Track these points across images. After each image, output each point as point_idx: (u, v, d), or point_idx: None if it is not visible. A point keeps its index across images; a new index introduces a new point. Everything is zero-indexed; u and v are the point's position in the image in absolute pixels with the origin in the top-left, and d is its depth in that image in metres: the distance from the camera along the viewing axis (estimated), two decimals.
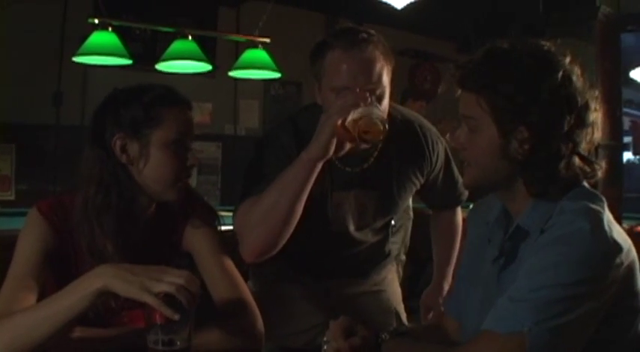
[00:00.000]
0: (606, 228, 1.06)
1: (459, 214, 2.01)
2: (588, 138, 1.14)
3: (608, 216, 1.10)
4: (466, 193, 1.89)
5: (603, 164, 1.17)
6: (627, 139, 7.84)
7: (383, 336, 1.18)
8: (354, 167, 1.66)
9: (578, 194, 1.13)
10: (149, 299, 1.08)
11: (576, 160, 1.13)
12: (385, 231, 1.88)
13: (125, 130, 1.35)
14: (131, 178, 1.37)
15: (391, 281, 1.97)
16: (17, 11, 4.47)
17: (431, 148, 1.75)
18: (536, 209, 1.14)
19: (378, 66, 1.52)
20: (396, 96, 1.98)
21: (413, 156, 1.73)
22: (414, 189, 1.79)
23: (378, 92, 1.52)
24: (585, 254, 1.03)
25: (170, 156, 1.37)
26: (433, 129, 1.80)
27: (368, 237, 1.80)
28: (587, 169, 1.15)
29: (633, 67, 5.00)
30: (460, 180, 1.85)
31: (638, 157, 8.45)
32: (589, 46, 3.64)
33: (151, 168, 1.36)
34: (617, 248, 1.05)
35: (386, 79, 1.55)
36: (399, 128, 1.68)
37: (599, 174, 1.16)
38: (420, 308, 2.05)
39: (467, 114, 1.17)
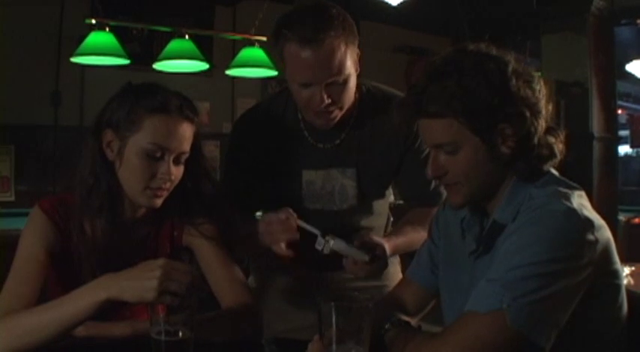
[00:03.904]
0: (576, 206, 1.08)
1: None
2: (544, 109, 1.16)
3: (578, 198, 1.12)
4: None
5: (562, 139, 1.18)
6: (624, 132, 7.87)
7: (386, 326, 1.21)
8: (326, 143, 1.64)
9: (546, 181, 1.17)
10: (166, 301, 1.10)
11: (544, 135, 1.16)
12: (376, 214, 1.78)
13: (112, 127, 1.35)
14: (114, 175, 1.37)
15: (394, 274, 1.84)
16: (14, 12, 4.47)
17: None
18: (509, 202, 1.17)
19: (338, 55, 1.46)
20: None
21: (391, 127, 1.60)
22: (394, 163, 1.69)
23: (341, 80, 1.48)
24: (558, 232, 1.05)
25: (139, 164, 1.33)
26: None
27: (355, 219, 1.72)
28: (550, 150, 1.16)
29: (629, 61, 5.02)
30: None
31: (635, 150, 8.47)
32: (583, 39, 3.67)
33: (124, 170, 1.35)
34: (589, 224, 1.07)
35: (349, 63, 1.49)
36: (378, 103, 1.64)
37: (559, 151, 1.17)
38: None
39: (443, 141, 1.15)
